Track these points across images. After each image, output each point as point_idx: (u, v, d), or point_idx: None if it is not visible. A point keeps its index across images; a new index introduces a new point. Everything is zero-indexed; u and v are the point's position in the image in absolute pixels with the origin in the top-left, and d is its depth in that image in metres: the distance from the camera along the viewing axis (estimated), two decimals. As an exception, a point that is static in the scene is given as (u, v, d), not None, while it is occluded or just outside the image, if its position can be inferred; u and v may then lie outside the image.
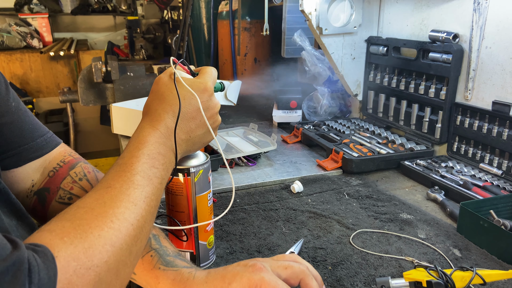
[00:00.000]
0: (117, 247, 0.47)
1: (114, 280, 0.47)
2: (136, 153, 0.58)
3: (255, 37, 2.19)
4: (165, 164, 0.61)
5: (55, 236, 0.44)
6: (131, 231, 0.50)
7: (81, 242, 0.44)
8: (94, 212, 0.49)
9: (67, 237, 0.44)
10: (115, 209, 0.50)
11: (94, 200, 0.51)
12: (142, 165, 0.57)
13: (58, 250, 0.42)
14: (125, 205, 0.51)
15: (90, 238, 0.45)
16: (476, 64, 1.19)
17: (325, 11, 1.47)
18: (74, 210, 0.49)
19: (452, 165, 1.21)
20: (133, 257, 0.51)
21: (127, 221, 0.50)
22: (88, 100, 1.94)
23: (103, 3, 4.79)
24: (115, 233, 0.48)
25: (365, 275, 0.77)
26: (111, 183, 0.54)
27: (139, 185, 0.55)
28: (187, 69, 0.71)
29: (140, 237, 0.52)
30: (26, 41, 4.21)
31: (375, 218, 0.99)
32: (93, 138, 4.43)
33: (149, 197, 0.55)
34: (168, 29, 3.73)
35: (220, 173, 1.25)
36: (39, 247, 0.41)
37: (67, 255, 0.43)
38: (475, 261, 0.82)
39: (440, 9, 1.30)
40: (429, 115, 1.36)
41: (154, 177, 0.58)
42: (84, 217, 0.48)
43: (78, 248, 0.44)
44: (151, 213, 0.56)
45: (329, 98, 1.75)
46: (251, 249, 0.86)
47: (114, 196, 0.52)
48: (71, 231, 0.45)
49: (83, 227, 0.46)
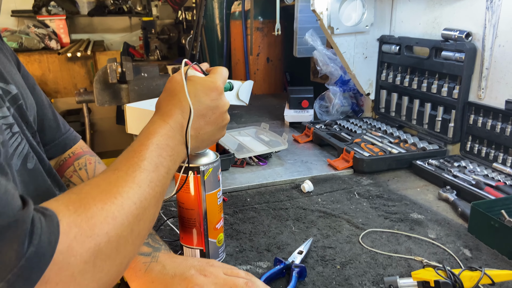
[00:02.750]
0: (119, 222, 0.50)
1: (114, 254, 0.49)
2: (145, 142, 0.61)
3: (267, 37, 2.20)
4: (173, 156, 0.63)
5: (61, 204, 0.46)
6: (133, 210, 0.52)
7: (84, 211, 0.47)
8: (99, 188, 0.52)
9: (72, 206, 0.47)
10: (119, 188, 0.53)
11: (101, 180, 0.54)
12: (150, 153, 0.59)
13: (63, 215, 0.44)
14: (129, 185, 0.54)
15: (93, 209, 0.48)
16: (489, 63, 1.17)
17: (336, 10, 1.47)
18: (82, 186, 0.52)
19: (465, 165, 1.20)
20: (135, 236, 0.53)
21: (130, 199, 0.52)
22: (104, 100, 1.97)
23: (119, 4, 4.86)
24: (117, 208, 0.50)
25: (374, 275, 0.78)
26: (119, 166, 0.57)
27: (145, 170, 0.57)
28: (199, 69, 0.73)
29: (143, 218, 0.54)
30: (44, 43, 4.29)
31: (385, 218, 0.99)
32: (109, 138, 4.49)
33: (154, 182, 0.57)
34: (182, 29, 3.77)
35: (231, 172, 1.26)
36: (48, 211, 0.44)
37: (70, 221, 0.45)
38: (485, 262, 0.81)
39: (453, 8, 1.29)
40: (442, 114, 1.34)
41: (160, 165, 0.60)
42: (89, 192, 0.51)
43: (81, 216, 0.46)
44: (156, 198, 0.58)
45: (341, 98, 1.74)
46: (261, 248, 0.88)
47: (120, 177, 0.54)
48: (76, 201, 0.48)
49: (87, 199, 0.49)
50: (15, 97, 0.66)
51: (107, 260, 0.48)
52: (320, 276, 0.78)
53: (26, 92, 0.72)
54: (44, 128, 0.82)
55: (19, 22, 4.59)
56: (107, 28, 5.10)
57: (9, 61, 0.72)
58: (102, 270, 0.47)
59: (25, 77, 0.78)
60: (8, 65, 0.70)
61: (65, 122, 0.90)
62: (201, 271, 0.66)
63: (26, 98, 0.70)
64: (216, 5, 2.54)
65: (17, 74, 0.73)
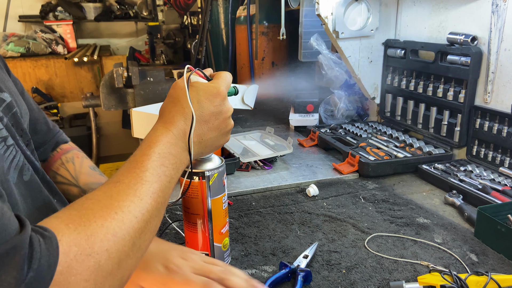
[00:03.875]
0: (119, 237, 0.49)
1: (115, 270, 0.49)
2: (147, 152, 0.60)
3: (272, 41, 2.21)
4: (176, 164, 0.63)
5: (61, 222, 0.46)
6: (134, 224, 0.52)
7: (84, 229, 0.46)
8: (100, 203, 0.51)
9: (72, 223, 0.47)
10: (120, 202, 0.52)
11: (102, 193, 0.54)
12: (152, 163, 0.59)
13: (62, 234, 0.45)
14: (130, 198, 0.53)
15: (93, 227, 0.47)
16: (495, 67, 1.17)
17: (341, 14, 1.48)
18: (83, 201, 0.52)
19: (471, 169, 1.19)
20: (137, 249, 0.53)
21: (131, 213, 0.52)
22: (110, 105, 1.99)
23: (125, 9, 4.90)
24: (118, 224, 0.50)
25: (379, 279, 0.77)
26: (120, 178, 0.56)
27: (147, 181, 0.57)
28: (202, 75, 0.73)
29: (145, 231, 0.54)
30: (51, 48, 4.33)
31: (391, 222, 0.99)
32: (115, 142, 4.52)
33: (156, 193, 0.57)
34: (187, 34, 3.79)
35: (236, 176, 1.27)
36: (47, 232, 0.44)
37: (70, 240, 0.45)
38: (492, 266, 0.80)
39: (458, 12, 1.29)
40: (448, 118, 1.34)
41: (163, 175, 0.59)
42: (90, 207, 0.50)
43: (80, 234, 0.46)
44: (158, 209, 0.57)
45: (346, 102, 1.74)
46: (266, 252, 0.88)
47: (121, 190, 0.54)
48: (76, 219, 0.47)
49: (88, 216, 0.48)
50: (10, 105, 0.65)
51: (108, 276, 0.48)
52: (326, 281, 0.78)
53: (19, 98, 0.71)
54: (36, 132, 0.83)
55: (27, 27, 4.64)
56: (113, 33, 5.14)
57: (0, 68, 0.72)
58: (103, 286, 0.47)
59: (14, 82, 0.77)
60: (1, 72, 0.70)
61: (55, 125, 0.92)
62: (181, 254, 0.69)
63: (20, 105, 0.69)
64: (221, 10, 2.55)
65: (9, 80, 0.72)
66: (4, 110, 0.63)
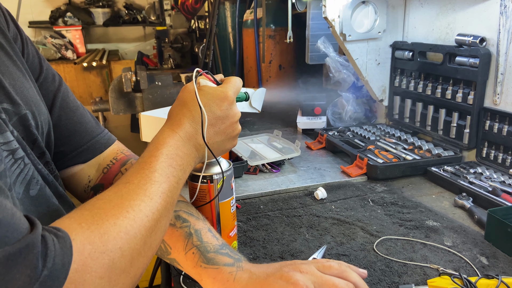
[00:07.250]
0: (131, 235, 0.50)
1: (128, 268, 0.49)
2: (155, 153, 0.61)
3: (279, 44, 2.21)
4: (183, 166, 0.64)
5: (74, 222, 0.47)
6: (145, 222, 0.53)
7: (97, 228, 0.47)
8: (111, 203, 0.52)
9: (85, 223, 0.47)
10: (131, 201, 0.53)
11: (112, 193, 0.54)
12: (160, 164, 0.60)
13: (76, 233, 0.45)
14: (141, 198, 0.54)
15: (106, 225, 0.48)
16: (504, 68, 1.16)
17: (348, 17, 1.48)
18: (94, 201, 0.53)
19: (481, 171, 1.18)
20: (148, 248, 0.53)
21: (142, 212, 0.53)
22: (119, 109, 2.01)
23: (133, 14, 4.95)
24: (130, 222, 0.51)
25: (389, 283, 0.77)
26: (130, 179, 0.57)
27: (156, 181, 0.58)
28: (211, 77, 0.74)
29: (155, 229, 0.55)
30: (60, 53, 4.39)
31: (400, 225, 0.98)
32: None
33: (165, 193, 0.58)
34: (195, 38, 3.81)
35: (244, 179, 1.27)
36: (60, 232, 0.44)
37: (84, 238, 0.45)
38: (502, 269, 0.80)
39: (466, 13, 1.28)
40: (457, 120, 1.33)
41: (171, 175, 0.60)
42: (102, 207, 0.51)
43: (94, 233, 0.47)
44: (167, 209, 0.58)
45: (354, 104, 1.74)
46: (274, 255, 0.88)
47: (131, 190, 0.55)
48: (89, 218, 0.48)
49: (100, 215, 0.49)
50: (23, 118, 0.62)
51: (122, 274, 0.48)
52: (334, 284, 0.77)
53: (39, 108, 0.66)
54: (76, 133, 0.77)
55: (36, 33, 4.71)
56: (121, 37, 5.19)
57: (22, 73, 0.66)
58: (117, 283, 0.48)
59: (47, 81, 0.73)
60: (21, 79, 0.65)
61: (98, 123, 0.84)
62: (294, 268, 0.63)
63: (38, 115, 0.65)
64: (229, 13, 2.56)
65: (30, 87, 0.66)
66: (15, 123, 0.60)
